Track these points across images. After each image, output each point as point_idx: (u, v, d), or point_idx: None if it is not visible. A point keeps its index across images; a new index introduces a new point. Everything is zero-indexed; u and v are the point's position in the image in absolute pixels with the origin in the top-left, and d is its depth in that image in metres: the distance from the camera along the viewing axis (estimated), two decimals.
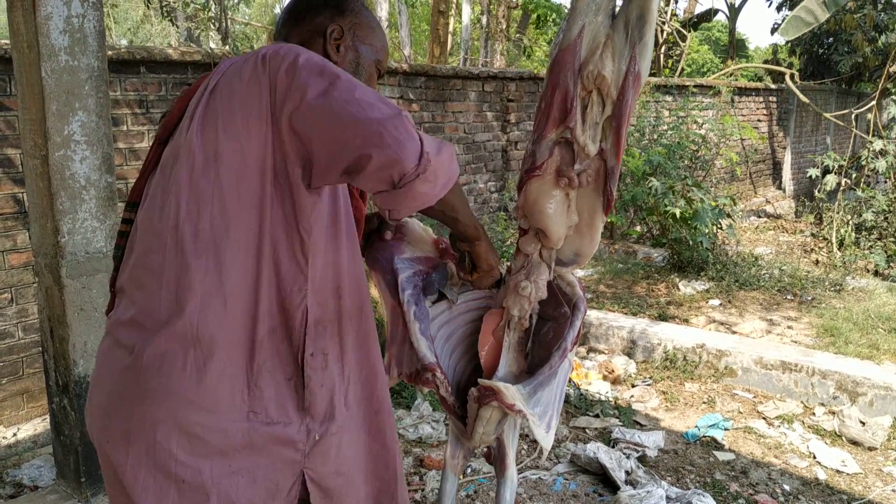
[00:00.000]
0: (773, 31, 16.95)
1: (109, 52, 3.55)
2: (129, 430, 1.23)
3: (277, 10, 22.03)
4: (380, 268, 1.79)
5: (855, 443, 3.53)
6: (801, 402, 3.96)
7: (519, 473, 3.17)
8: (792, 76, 11.87)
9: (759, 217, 10.81)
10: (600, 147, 1.74)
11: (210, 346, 1.22)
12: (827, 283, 6.23)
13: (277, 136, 1.22)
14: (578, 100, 1.70)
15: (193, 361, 1.21)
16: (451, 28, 11.87)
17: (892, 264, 7.32)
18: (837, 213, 8.11)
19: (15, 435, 3.75)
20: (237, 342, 1.24)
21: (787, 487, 3.12)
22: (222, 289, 1.23)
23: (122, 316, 1.29)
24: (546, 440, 1.72)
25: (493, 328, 1.88)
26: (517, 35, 14.07)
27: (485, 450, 1.97)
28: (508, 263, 1.88)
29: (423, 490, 3.02)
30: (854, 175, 9.14)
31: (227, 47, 5.66)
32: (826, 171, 9.19)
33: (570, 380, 4.18)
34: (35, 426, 3.85)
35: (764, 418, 3.81)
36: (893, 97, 9.98)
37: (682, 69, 13.71)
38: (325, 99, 1.18)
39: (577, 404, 3.86)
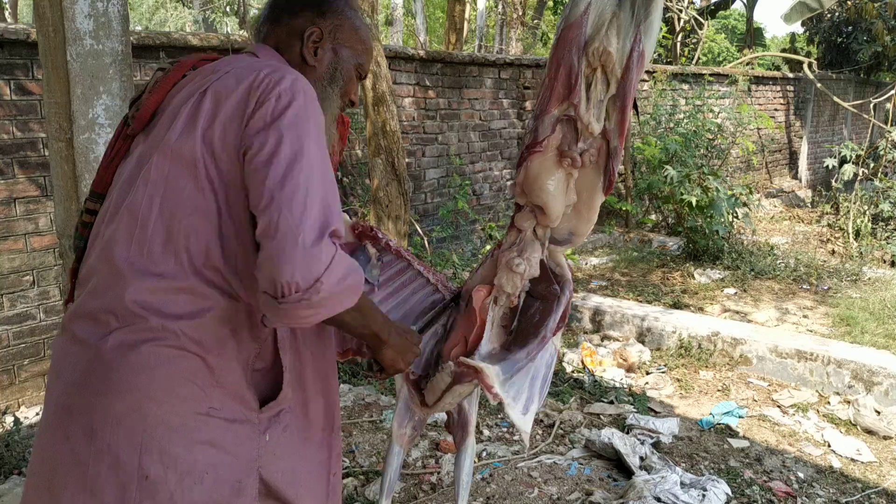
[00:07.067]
0: None
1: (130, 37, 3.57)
2: (92, 424, 1.20)
3: None
4: None
5: (870, 432, 3.53)
6: (816, 390, 3.96)
7: (534, 458, 3.20)
8: (810, 65, 11.75)
9: (775, 205, 10.73)
10: (604, 126, 1.74)
11: (173, 342, 1.22)
12: (843, 273, 6.20)
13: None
14: (583, 77, 1.69)
15: (155, 356, 1.20)
16: (466, 15, 11.81)
17: None
18: (854, 203, 8.05)
19: (38, 415, 3.81)
20: (201, 340, 1.24)
21: (801, 475, 3.13)
22: (187, 287, 1.23)
23: (80, 309, 1.28)
24: (523, 422, 1.72)
25: (481, 304, 1.87)
26: (534, 21, 14.00)
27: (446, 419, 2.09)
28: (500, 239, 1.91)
29: (438, 473, 3.05)
30: (871, 165, 9.06)
31: (245, 32, 5.67)
32: (843, 161, 9.12)
33: (584, 366, 4.20)
34: None
35: (778, 406, 3.81)
36: None
37: (699, 58, 13.61)
38: (278, 169, 1.18)
39: (592, 391, 3.88)
